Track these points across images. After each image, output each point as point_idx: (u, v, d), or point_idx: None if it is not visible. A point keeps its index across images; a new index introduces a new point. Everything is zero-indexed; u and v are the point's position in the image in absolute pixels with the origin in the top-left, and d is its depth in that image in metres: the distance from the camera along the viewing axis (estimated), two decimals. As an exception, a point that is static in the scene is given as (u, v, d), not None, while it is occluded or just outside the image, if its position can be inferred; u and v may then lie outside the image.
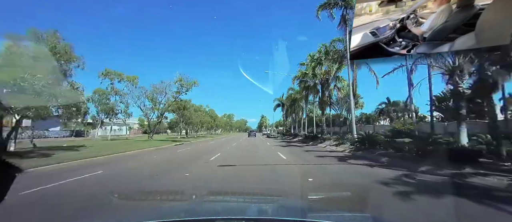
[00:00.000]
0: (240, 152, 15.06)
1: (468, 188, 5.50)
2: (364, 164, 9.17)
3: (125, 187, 6.28)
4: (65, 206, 4.64)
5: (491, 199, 4.59)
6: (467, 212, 3.88)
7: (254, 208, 2.12)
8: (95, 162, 10.81)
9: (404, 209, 4.08)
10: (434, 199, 4.61)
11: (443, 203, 4.40)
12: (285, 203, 2.73)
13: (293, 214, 1.82)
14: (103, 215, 3.88)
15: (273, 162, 10.00)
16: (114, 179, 7.22)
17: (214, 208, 2.19)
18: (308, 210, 2.08)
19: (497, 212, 3.91)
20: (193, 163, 9.95)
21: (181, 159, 11.52)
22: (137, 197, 4.86)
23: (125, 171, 8.58)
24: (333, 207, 3.87)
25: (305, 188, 5.55)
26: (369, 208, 3.82)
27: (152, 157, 12.88)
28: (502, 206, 4.11)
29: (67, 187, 6.09)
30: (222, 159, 10.98)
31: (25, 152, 13.29)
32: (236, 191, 4.54)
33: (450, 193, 4.86)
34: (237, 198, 3.16)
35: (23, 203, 4.49)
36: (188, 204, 2.72)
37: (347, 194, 4.98)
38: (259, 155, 13.09)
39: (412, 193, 4.86)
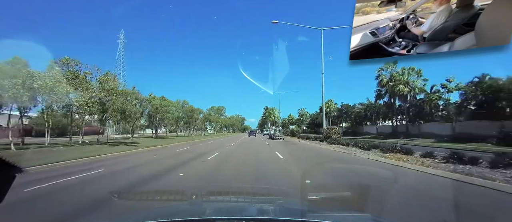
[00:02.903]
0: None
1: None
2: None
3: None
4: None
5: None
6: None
7: (254, 208, 2.12)
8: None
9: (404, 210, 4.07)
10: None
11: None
12: (285, 203, 2.73)
13: (293, 214, 1.82)
14: (103, 215, 3.89)
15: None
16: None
17: (214, 208, 2.19)
18: (308, 210, 2.08)
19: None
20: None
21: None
22: (137, 197, 4.87)
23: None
24: (333, 207, 3.87)
25: (305, 188, 5.55)
26: (369, 208, 3.82)
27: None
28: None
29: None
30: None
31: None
32: (236, 191, 4.55)
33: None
34: (237, 198, 3.16)
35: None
36: (188, 204, 2.72)
37: (347, 194, 4.99)
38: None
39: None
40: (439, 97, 31.75)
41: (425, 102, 33.32)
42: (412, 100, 35.27)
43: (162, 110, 40.08)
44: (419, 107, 34.76)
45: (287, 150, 16.47)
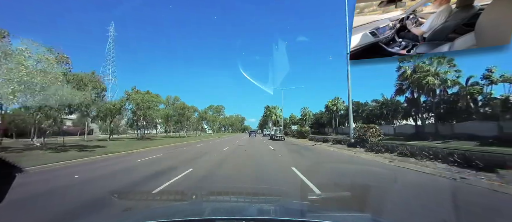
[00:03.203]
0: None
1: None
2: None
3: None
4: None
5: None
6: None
7: (254, 208, 2.12)
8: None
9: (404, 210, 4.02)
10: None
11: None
12: (285, 203, 2.73)
13: (293, 214, 1.82)
14: (103, 215, 3.89)
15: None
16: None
17: (214, 208, 2.19)
18: (308, 210, 2.08)
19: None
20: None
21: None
22: (137, 197, 4.88)
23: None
24: (333, 207, 3.87)
25: (305, 188, 5.55)
26: (369, 208, 3.82)
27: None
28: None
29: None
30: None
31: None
32: (236, 191, 4.55)
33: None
34: (237, 198, 3.16)
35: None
36: (188, 204, 2.72)
37: (347, 194, 4.99)
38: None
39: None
40: (481, 90, 26.01)
41: (462, 97, 27.19)
42: (443, 95, 29.12)
43: (144, 106, 32.64)
44: (451, 103, 28.63)
45: (311, 164, 10.23)
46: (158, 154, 15.30)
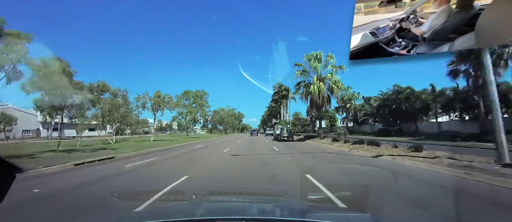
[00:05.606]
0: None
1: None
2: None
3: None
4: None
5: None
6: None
7: (254, 208, 2.12)
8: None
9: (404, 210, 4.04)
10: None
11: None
12: (285, 203, 2.73)
13: (293, 214, 1.82)
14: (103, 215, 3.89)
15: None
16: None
17: (214, 208, 2.19)
18: (308, 210, 2.08)
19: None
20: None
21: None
22: (137, 197, 4.87)
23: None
24: (333, 207, 3.87)
25: (305, 188, 5.54)
26: (369, 208, 3.82)
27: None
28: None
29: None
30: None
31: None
32: (236, 191, 4.54)
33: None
34: (237, 198, 3.16)
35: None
36: (188, 204, 2.72)
37: (347, 194, 4.98)
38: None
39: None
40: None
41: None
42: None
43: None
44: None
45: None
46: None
